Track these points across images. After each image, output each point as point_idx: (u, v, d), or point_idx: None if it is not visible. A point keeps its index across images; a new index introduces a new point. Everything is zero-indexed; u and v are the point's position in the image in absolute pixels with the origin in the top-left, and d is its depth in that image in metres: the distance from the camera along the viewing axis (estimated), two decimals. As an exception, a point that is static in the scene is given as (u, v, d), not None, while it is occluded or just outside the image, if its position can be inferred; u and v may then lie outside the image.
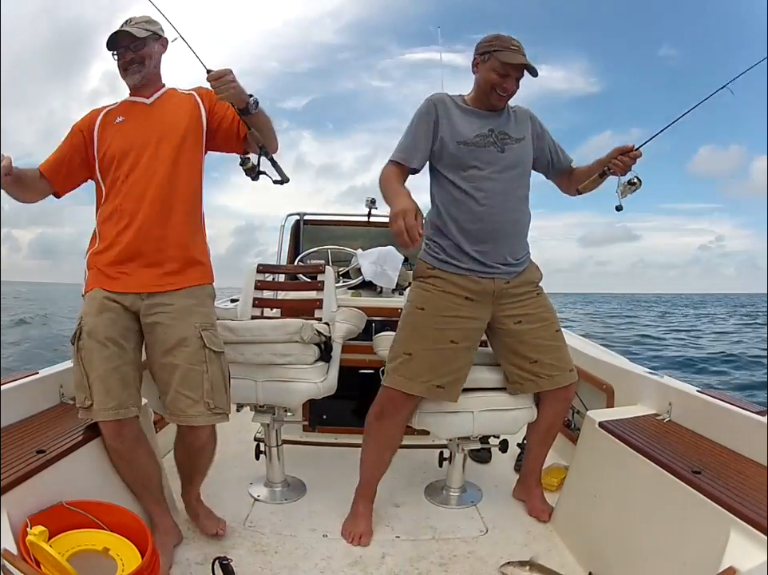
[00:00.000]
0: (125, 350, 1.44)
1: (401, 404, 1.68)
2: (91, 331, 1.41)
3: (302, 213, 3.56)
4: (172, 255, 1.49)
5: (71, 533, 1.20)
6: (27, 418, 1.52)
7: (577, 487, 1.74)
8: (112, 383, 1.39)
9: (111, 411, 1.39)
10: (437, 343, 1.64)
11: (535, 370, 1.71)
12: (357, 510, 1.77)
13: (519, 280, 1.70)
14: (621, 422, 1.65)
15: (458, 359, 1.66)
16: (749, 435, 1.39)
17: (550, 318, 1.76)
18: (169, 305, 1.47)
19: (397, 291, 2.83)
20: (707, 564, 1.08)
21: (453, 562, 1.60)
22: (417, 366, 1.64)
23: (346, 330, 1.92)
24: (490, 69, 1.60)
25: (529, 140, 1.71)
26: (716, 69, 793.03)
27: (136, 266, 1.47)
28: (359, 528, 1.72)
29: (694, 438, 1.53)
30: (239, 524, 1.76)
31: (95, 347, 1.40)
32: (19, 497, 1.15)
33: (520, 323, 1.70)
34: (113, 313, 1.44)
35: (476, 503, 1.97)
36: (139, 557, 1.18)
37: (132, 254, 1.47)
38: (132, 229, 1.46)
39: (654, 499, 1.37)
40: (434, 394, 1.66)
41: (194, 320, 1.47)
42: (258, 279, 2.30)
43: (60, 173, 1.52)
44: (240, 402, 1.94)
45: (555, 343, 1.74)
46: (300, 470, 2.16)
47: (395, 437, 1.76)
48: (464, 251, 1.65)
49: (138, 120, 1.53)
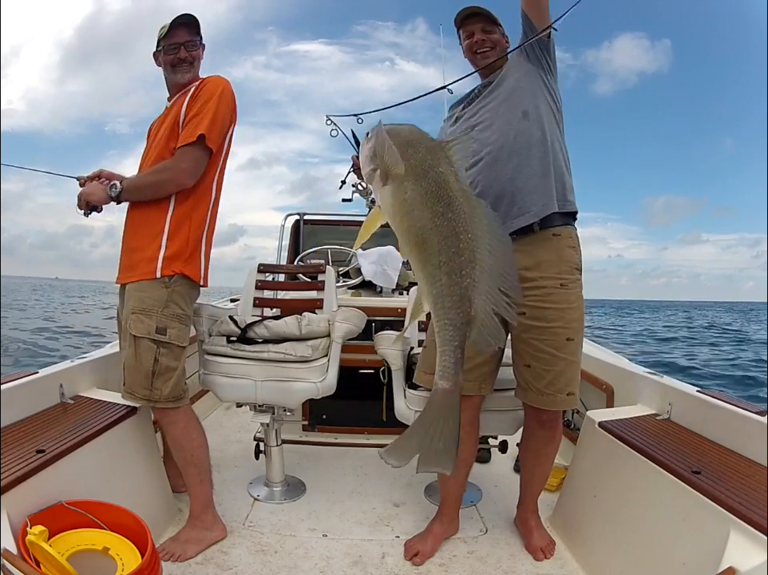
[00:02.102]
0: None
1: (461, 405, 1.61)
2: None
3: (302, 213, 3.56)
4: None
5: (71, 533, 1.20)
6: (27, 417, 1.52)
7: (577, 487, 1.74)
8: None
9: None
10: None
11: (526, 377, 1.51)
12: (430, 528, 1.69)
13: (532, 260, 1.45)
14: (621, 422, 1.65)
15: (469, 348, 1.57)
16: (749, 435, 1.39)
17: (565, 321, 1.45)
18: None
19: (397, 290, 2.83)
20: (707, 564, 1.08)
21: (453, 562, 1.60)
22: (429, 357, 1.52)
23: (346, 330, 1.92)
24: (462, 41, 1.64)
25: (515, 64, 1.54)
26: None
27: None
28: (423, 545, 1.62)
29: (694, 438, 1.53)
30: (238, 523, 1.76)
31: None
32: (19, 497, 1.15)
33: (522, 314, 1.43)
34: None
35: (475, 503, 1.97)
36: (139, 557, 1.18)
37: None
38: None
39: (653, 499, 1.37)
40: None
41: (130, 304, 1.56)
42: (258, 278, 2.30)
43: None
44: (240, 402, 1.94)
45: (559, 354, 1.45)
46: (300, 470, 2.16)
47: (463, 443, 1.63)
48: None
49: (158, 124, 1.67)
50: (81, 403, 1.68)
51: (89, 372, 1.86)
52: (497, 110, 1.52)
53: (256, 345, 1.81)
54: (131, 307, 1.54)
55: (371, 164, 1.01)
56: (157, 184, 1.55)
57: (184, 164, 1.53)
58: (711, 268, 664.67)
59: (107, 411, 1.61)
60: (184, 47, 1.59)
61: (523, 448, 1.71)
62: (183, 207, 1.58)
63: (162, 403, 1.56)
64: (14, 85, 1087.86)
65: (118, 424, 1.57)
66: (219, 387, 1.82)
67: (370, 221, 1.05)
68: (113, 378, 1.98)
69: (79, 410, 1.62)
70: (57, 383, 1.68)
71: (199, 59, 1.63)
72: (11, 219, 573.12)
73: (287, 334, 1.82)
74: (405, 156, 0.96)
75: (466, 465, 1.67)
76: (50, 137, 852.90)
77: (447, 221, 0.92)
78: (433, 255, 0.93)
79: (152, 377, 1.53)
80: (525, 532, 1.72)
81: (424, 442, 0.97)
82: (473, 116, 1.58)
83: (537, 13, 1.47)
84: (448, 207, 0.92)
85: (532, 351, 1.47)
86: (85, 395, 1.75)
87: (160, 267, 1.54)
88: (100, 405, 1.67)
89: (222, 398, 1.89)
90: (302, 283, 2.50)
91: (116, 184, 1.57)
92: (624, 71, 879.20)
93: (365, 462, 2.30)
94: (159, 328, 1.53)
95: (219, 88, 1.57)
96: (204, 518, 1.64)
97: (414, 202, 0.94)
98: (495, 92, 1.55)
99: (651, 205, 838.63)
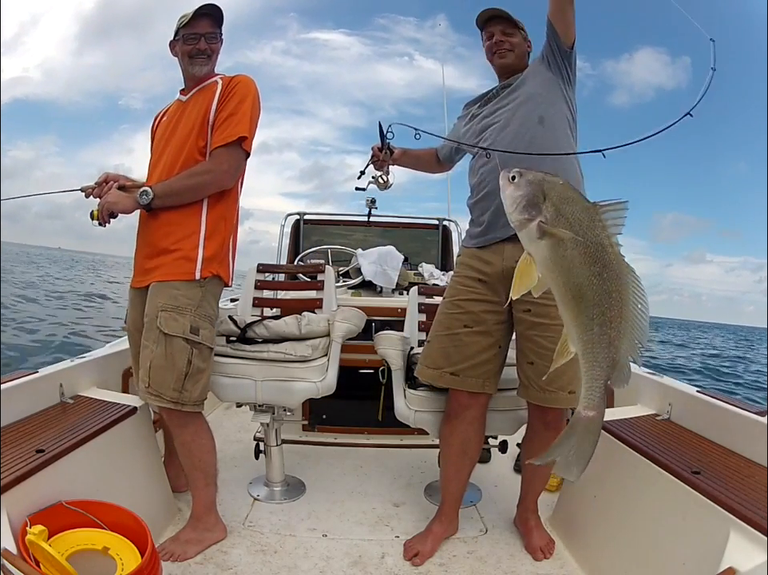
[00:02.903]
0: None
1: (465, 402, 1.59)
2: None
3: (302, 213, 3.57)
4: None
5: (70, 533, 1.20)
6: (27, 417, 1.52)
7: (577, 487, 1.74)
8: None
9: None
10: (449, 328, 1.58)
11: (528, 374, 1.54)
12: (430, 527, 1.69)
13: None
14: (621, 422, 1.65)
15: (474, 344, 1.56)
16: (748, 435, 1.40)
17: None
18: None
19: (397, 290, 2.84)
20: (707, 564, 1.08)
21: (453, 562, 1.60)
22: (433, 352, 1.60)
23: (346, 329, 1.92)
24: (483, 42, 1.66)
25: (536, 71, 1.59)
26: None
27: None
28: (423, 545, 1.63)
29: (694, 438, 1.53)
30: (238, 523, 1.76)
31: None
32: (19, 497, 1.15)
33: (528, 311, 1.51)
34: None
35: (475, 503, 1.97)
36: (139, 557, 1.18)
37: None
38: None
39: (653, 499, 1.37)
40: (450, 382, 1.57)
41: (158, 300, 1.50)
42: (258, 278, 2.30)
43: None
44: (240, 402, 1.94)
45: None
46: (300, 470, 2.16)
47: (468, 441, 1.63)
48: (474, 223, 1.63)
49: (170, 119, 1.62)
50: (81, 403, 1.68)
51: (88, 372, 1.86)
52: (514, 112, 1.55)
53: (256, 345, 1.81)
54: (160, 304, 1.48)
55: (525, 214, 0.99)
56: (198, 186, 1.50)
57: (226, 164, 1.50)
58: (714, 289, 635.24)
59: (107, 411, 1.61)
60: (204, 38, 1.54)
61: (526, 448, 1.71)
62: (217, 208, 1.56)
63: (189, 406, 1.51)
64: (32, 53, 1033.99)
65: (118, 424, 1.57)
66: (219, 387, 1.82)
67: (525, 272, 1.03)
68: (113, 377, 1.99)
69: (79, 410, 1.62)
70: (57, 383, 1.68)
71: (217, 53, 1.58)
72: (21, 187, 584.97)
73: (287, 334, 1.82)
74: (562, 212, 0.99)
75: (471, 464, 1.68)
76: (64, 108, 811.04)
77: (602, 281, 0.98)
78: (588, 308, 1.00)
79: (184, 379, 1.48)
80: (525, 531, 1.72)
81: (563, 452, 1.08)
82: (489, 116, 1.61)
83: (563, 24, 1.51)
84: (604, 268, 0.98)
85: (536, 348, 1.51)
86: (84, 395, 1.75)
87: (199, 269, 1.51)
88: (99, 405, 1.67)
89: (222, 398, 1.89)
90: (302, 283, 2.50)
91: (147, 191, 1.48)
92: (642, 85, 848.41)
93: (365, 462, 2.30)
94: (193, 328, 1.49)
95: (252, 89, 1.55)
96: (206, 520, 1.63)
97: (574, 261, 0.98)
98: (513, 94, 1.58)
99: (659, 221, 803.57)
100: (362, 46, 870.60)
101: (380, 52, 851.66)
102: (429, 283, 2.86)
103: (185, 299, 1.49)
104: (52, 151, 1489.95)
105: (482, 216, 1.58)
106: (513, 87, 1.60)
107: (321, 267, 2.35)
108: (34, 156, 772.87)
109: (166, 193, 1.49)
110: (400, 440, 2.48)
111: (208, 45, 1.55)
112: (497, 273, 1.54)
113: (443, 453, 1.70)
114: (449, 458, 1.68)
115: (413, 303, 2.11)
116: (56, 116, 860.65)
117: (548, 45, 1.56)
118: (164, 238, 1.53)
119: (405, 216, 3.68)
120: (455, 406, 1.62)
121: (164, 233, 1.53)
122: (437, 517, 1.71)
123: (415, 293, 2.14)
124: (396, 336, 1.88)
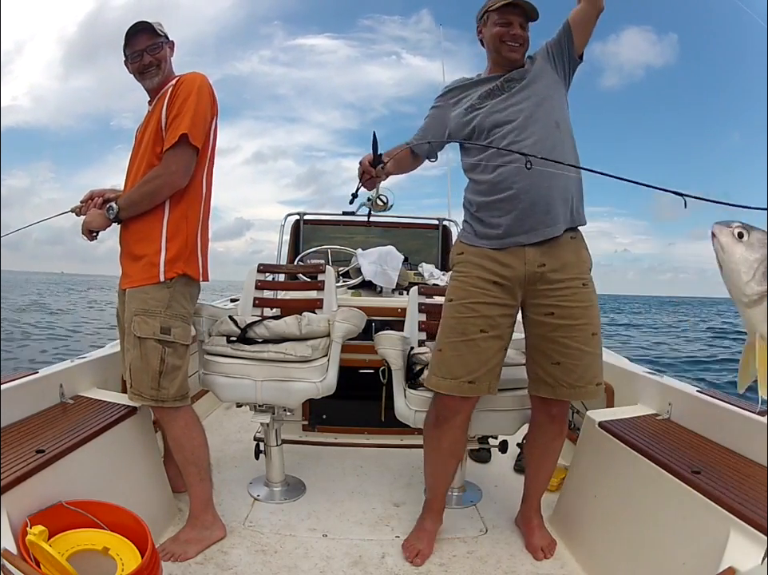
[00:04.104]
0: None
1: (456, 407, 1.55)
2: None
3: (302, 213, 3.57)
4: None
5: (71, 533, 1.20)
6: (27, 417, 1.52)
7: (577, 487, 1.74)
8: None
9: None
10: (465, 334, 1.50)
11: (555, 374, 1.52)
12: (422, 526, 1.68)
13: (558, 263, 1.49)
14: (621, 422, 1.65)
15: (489, 349, 1.51)
16: (749, 435, 1.39)
17: (589, 317, 1.51)
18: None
19: (397, 290, 2.83)
20: (707, 564, 1.09)
21: (453, 562, 1.60)
22: (449, 361, 1.52)
23: (346, 329, 1.92)
24: (492, 25, 1.54)
25: (544, 70, 1.54)
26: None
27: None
28: (422, 544, 1.63)
29: (694, 438, 1.53)
30: (238, 523, 1.76)
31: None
32: (19, 497, 1.15)
33: (551, 314, 1.50)
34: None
35: (475, 503, 1.97)
36: (139, 557, 1.18)
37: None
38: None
39: (653, 499, 1.37)
40: (467, 390, 1.51)
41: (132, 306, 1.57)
42: (258, 278, 2.30)
43: None
44: (240, 402, 1.94)
45: (586, 349, 1.50)
46: (300, 470, 2.17)
47: (457, 443, 1.63)
48: (484, 223, 1.54)
49: (140, 130, 1.67)
50: (81, 403, 1.68)
51: (88, 372, 1.86)
52: (532, 114, 1.49)
53: (256, 345, 1.81)
54: (133, 309, 1.54)
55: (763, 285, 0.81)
56: (152, 192, 1.55)
57: (174, 166, 1.53)
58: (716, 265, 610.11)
59: (107, 411, 1.62)
60: (146, 52, 1.59)
61: (530, 445, 1.71)
62: (178, 208, 1.58)
63: (170, 402, 1.57)
64: (19, 80, 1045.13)
65: (118, 424, 1.57)
66: (219, 387, 1.82)
67: (749, 358, 0.88)
68: (113, 378, 1.99)
69: (79, 410, 1.62)
70: (57, 383, 1.68)
71: (165, 59, 1.62)
72: (18, 215, 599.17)
73: (287, 334, 1.82)
74: None
75: (458, 462, 1.76)
76: (57, 133, 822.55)
77: None
78: None
79: (159, 377, 1.54)
80: (527, 530, 1.71)
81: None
82: (499, 112, 1.52)
83: (584, 34, 1.50)
84: None
85: (561, 349, 1.50)
86: (84, 395, 1.75)
87: (162, 271, 1.55)
88: (100, 405, 1.67)
89: (222, 398, 1.89)
90: (302, 283, 2.50)
91: (112, 206, 1.57)
92: (631, 65, 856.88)
93: (365, 462, 2.30)
94: (163, 328, 1.54)
95: (196, 84, 1.56)
96: (204, 518, 1.65)
97: None
98: (524, 92, 1.52)
99: (659, 200, 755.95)
100: (349, 48, 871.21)
101: (367, 53, 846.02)
102: (430, 283, 2.86)
103: (154, 301, 1.55)
104: (48, 177, 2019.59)
105: (501, 218, 1.50)
106: (524, 85, 1.52)
107: (321, 267, 2.35)
108: (30, 183, 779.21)
109: (128, 204, 1.57)
110: (400, 440, 2.48)
111: (153, 57, 1.59)
112: (518, 277, 1.50)
113: (430, 456, 1.66)
114: (438, 461, 1.65)
115: (414, 303, 2.11)
116: (49, 142, 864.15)
117: (558, 47, 1.52)
118: (134, 245, 1.60)
119: (405, 216, 3.67)
120: (445, 411, 1.57)
121: (133, 240, 1.60)
122: (428, 515, 1.70)
123: (415, 293, 2.14)
124: (396, 336, 1.88)
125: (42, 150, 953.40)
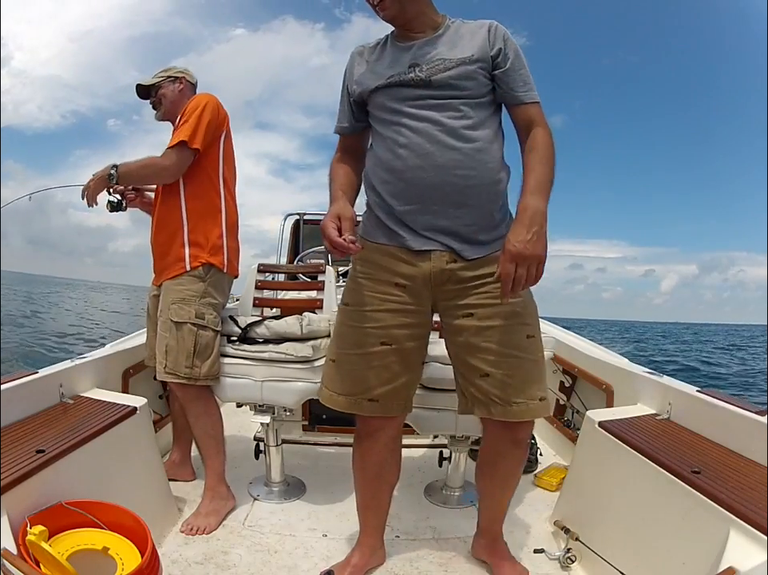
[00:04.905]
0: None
1: (376, 424, 1.37)
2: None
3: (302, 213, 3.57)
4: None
5: (71, 533, 1.20)
6: (27, 417, 1.52)
7: (577, 487, 1.74)
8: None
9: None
10: (362, 346, 1.30)
11: (484, 389, 1.27)
12: (348, 558, 1.51)
13: (477, 261, 1.26)
14: (621, 422, 1.65)
15: (395, 364, 1.30)
16: (748, 435, 1.39)
17: (520, 317, 1.26)
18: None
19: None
20: (707, 564, 1.08)
21: (453, 562, 1.60)
22: (343, 375, 1.34)
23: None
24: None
25: (481, 58, 1.23)
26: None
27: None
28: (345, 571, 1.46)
29: (694, 437, 1.53)
30: (238, 523, 1.76)
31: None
32: (19, 497, 1.15)
33: (470, 316, 1.26)
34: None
35: (476, 503, 1.96)
36: (139, 557, 1.18)
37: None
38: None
39: (653, 499, 1.37)
40: (369, 410, 1.33)
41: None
42: (258, 278, 2.30)
43: None
44: (240, 402, 1.94)
45: (520, 355, 1.25)
46: (300, 470, 2.17)
47: (383, 464, 1.44)
48: (385, 214, 1.30)
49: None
50: (81, 403, 1.68)
51: (88, 372, 1.86)
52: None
53: (257, 345, 1.81)
54: (171, 299, 1.75)
55: None
56: (144, 176, 1.81)
57: (168, 161, 1.74)
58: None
59: (107, 411, 1.61)
60: (149, 95, 1.92)
61: (487, 474, 1.46)
62: (193, 208, 1.80)
63: (202, 380, 1.74)
64: (6, 79, 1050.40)
65: (118, 424, 1.57)
66: (220, 387, 1.82)
67: None
68: (113, 378, 1.99)
69: (79, 410, 1.62)
70: (57, 383, 1.68)
71: (165, 96, 1.90)
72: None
73: (288, 334, 1.82)
74: None
75: (390, 488, 1.52)
76: (43, 135, 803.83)
77: None
78: None
79: (193, 356, 1.72)
80: (496, 562, 1.51)
81: None
82: (429, 84, 1.24)
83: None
84: None
85: (488, 357, 1.26)
86: (84, 395, 1.75)
87: (188, 261, 1.77)
88: (99, 405, 1.67)
89: (222, 398, 1.89)
90: (302, 283, 2.50)
91: (113, 173, 1.74)
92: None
93: (365, 462, 2.29)
94: (198, 314, 1.75)
95: (203, 101, 1.77)
96: (220, 490, 1.82)
97: None
98: (452, 51, 1.24)
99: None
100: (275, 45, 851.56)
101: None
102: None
103: (190, 292, 1.76)
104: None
105: (404, 207, 1.26)
106: (446, 61, 1.23)
107: (321, 267, 2.35)
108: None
109: (125, 173, 1.76)
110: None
111: (155, 98, 1.92)
112: (424, 276, 1.27)
113: (356, 477, 1.48)
114: (363, 483, 1.48)
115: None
116: (38, 145, 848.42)
117: (498, 89, 1.26)
118: (161, 243, 1.83)
119: None
120: (365, 427, 1.40)
121: (158, 239, 1.84)
122: (358, 547, 1.52)
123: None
124: None
125: (35, 152, 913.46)
